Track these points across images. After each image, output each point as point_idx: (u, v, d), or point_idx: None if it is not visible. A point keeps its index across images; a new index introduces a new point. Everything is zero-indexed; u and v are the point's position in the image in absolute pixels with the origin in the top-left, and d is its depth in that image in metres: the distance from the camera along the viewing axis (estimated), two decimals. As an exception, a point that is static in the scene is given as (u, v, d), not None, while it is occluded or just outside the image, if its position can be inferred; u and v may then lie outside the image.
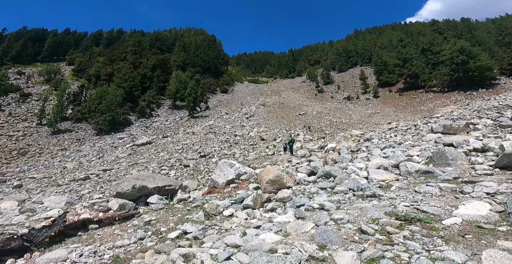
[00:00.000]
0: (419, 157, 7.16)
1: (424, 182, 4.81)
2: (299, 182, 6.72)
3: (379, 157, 7.24)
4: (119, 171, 18.71)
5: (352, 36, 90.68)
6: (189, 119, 38.92)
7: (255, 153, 21.81)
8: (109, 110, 31.85)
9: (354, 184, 5.08)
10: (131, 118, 36.73)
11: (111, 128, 32.10)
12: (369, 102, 49.61)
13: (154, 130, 33.90)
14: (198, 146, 25.27)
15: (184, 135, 31.54)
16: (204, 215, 5.08)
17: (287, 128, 33.22)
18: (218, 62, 67.11)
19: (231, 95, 57.08)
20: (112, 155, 25.51)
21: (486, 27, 60.75)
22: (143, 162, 20.79)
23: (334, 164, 8.25)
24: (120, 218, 5.27)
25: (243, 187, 6.88)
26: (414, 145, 9.05)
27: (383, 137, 15.27)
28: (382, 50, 61.96)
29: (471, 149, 7.18)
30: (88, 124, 33.32)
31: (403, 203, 3.84)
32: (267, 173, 6.11)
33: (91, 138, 31.07)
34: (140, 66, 47.39)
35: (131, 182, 6.08)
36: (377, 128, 28.21)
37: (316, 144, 23.05)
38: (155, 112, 40.68)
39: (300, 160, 12.42)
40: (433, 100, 44.19)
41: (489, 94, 40.71)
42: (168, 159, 21.11)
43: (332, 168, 6.63)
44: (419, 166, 5.49)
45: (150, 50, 60.19)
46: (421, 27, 70.76)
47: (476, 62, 41.80)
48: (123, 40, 68.69)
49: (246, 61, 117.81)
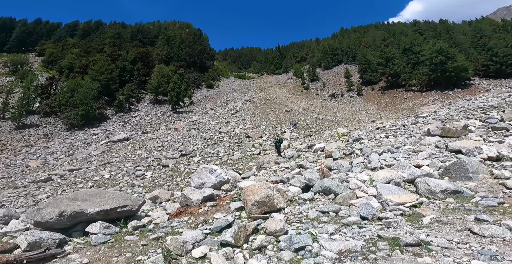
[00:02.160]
0: (429, 167, 6.02)
1: (464, 209, 3.58)
2: (293, 200, 5.33)
3: (386, 170, 6.00)
4: (88, 171, 16.47)
5: (338, 34, 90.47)
6: (172, 114, 36.48)
7: (240, 152, 20.31)
8: (82, 104, 28.72)
9: (367, 210, 3.77)
10: (108, 112, 33.64)
11: (84, 123, 29.05)
12: (353, 100, 49.52)
13: (133, 126, 31.26)
14: (180, 144, 23.29)
15: (166, 131, 29.28)
16: (164, 257, 3.53)
17: (273, 125, 31.95)
18: (203, 57, 64.00)
19: (217, 90, 54.76)
20: (83, 152, 22.89)
21: (462, 29, 62.41)
22: (116, 161, 18.58)
23: (330, 173, 6.94)
24: (32, 261, 3.57)
25: (223, 206, 5.38)
26: (415, 150, 7.97)
27: (372, 138, 14.33)
28: (367, 49, 62.08)
29: (485, 158, 6.14)
30: (58, 118, 29.96)
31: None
32: (253, 192, 4.66)
33: (61, 133, 27.94)
34: (119, 59, 43.66)
35: (59, 207, 4.36)
36: (362, 127, 27.67)
37: (303, 142, 21.95)
38: (135, 106, 37.70)
39: (289, 163, 11.11)
40: (412, 99, 44.78)
41: (464, 94, 41.81)
42: (145, 157, 19.04)
43: (331, 182, 5.30)
44: (445, 184, 4.28)
45: (131, 42, 55.92)
46: (403, 27, 71.77)
47: (454, 62, 42.59)
48: (102, 31, 63.30)
49: (233, 57, 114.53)
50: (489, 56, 45.83)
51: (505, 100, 18.38)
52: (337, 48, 72.25)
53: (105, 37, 53.18)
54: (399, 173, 5.64)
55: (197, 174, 8.63)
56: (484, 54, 47.27)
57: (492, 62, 45.01)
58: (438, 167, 5.98)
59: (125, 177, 14.94)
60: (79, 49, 48.65)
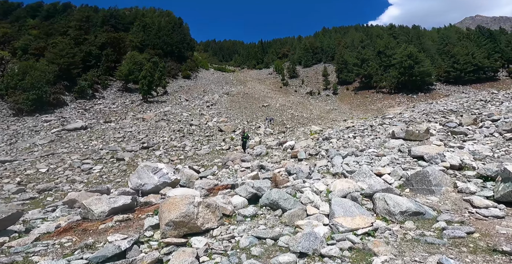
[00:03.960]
0: (391, 176, 5.31)
1: (425, 242, 2.74)
2: (232, 215, 4.27)
3: (345, 179, 5.14)
4: (22, 164, 14.04)
5: (320, 33, 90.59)
6: (142, 103, 33.66)
7: (208, 147, 18.95)
8: (34, 88, 25.00)
9: (309, 242, 2.81)
10: (66, 98, 29.94)
11: (35, 108, 25.36)
12: (329, 99, 49.95)
13: (94, 114, 28.15)
14: (144, 135, 21.25)
15: (132, 120, 26.78)
16: None
17: (248, 120, 30.86)
18: (182, 47, 60.11)
19: (194, 81, 52.00)
20: (28, 141, 19.89)
21: (431, 36, 65.00)
22: (63, 153, 16.18)
23: (285, 179, 6.00)
24: None
25: (139, 220, 4.14)
26: (379, 154, 7.34)
27: (341, 137, 13.84)
28: (345, 49, 62.69)
29: (448, 166, 5.59)
30: (4, 102, 25.92)
31: None
32: (169, 208, 3.49)
33: (6, 119, 24.17)
34: (85, 43, 39.08)
35: None
36: (334, 125, 27.64)
37: (276, 139, 21.19)
38: (100, 93, 34.10)
39: (251, 163, 10.09)
40: (381, 100, 46.10)
41: (426, 98, 43.85)
42: (99, 149, 16.85)
43: (280, 194, 4.31)
44: (405, 203, 3.48)
45: (102, 27, 50.48)
46: (380, 30, 73.49)
47: (420, 67, 44.12)
48: (69, 14, 56.32)
49: (214, 49, 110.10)
50: (451, 63, 47.87)
51: (463, 105, 18.99)
52: (318, 47, 72.32)
53: (71, 19, 47.23)
54: (358, 183, 4.83)
55: (137, 173, 7.25)
56: (447, 61, 49.48)
57: (453, 68, 47.08)
58: (400, 176, 5.28)
59: (67, 172, 12.91)
60: (39, 30, 42.73)
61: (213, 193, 5.62)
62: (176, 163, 14.82)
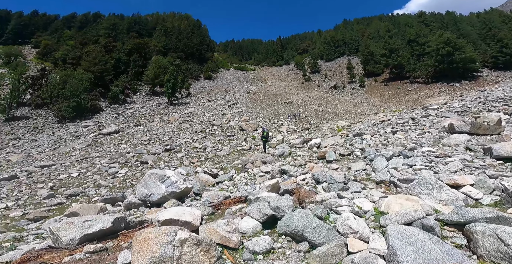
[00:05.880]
0: (475, 188, 3.51)
1: None
2: (237, 248, 2.93)
3: (403, 195, 3.44)
4: (58, 168, 14.35)
5: (340, 26, 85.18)
6: (168, 106, 34.14)
7: (229, 147, 17.93)
8: (74, 96, 26.50)
9: None
10: (102, 104, 31.45)
11: (76, 115, 26.95)
12: (355, 92, 46.21)
13: (126, 118, 29.08)
14: (168, 137, 21.02)
15: (159, 123, 27.04)
16: None
17: (270, 117, 29.38)
18: (202, 48, 60.58)
19: (216, 81, 51.91)
20: (69, 146, 20.87)
21: (470, 21, 57.50)
22: (95, 157, 16.43)
23: (311, 194, 4.48)
24: None
25: (119, 250, 2.99)
26: (439, 154, 5.40)
27: (376, 133, 11.69)
28: (370, 40, 57.75)
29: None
30: (49, 110, 27.91)
31: None
32: (140, 248, 2.25)
33: (52, 126, 25.95)
34: (114, 50, 40.98)
35: None
36: (364, 119, 24.83)
37: (300, 136, 19.43)
38: (130, 98, 35.36)
39: (271, 167, 8.67)
40: (417, 90, 41.42)
41: (471, 86, 38.33)
42: (126, 153, 16.82)
43: (306, 220, 2.86)
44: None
45: (128, 34, 52.84)
46: (408, 18, 66.76)
47: (461, 54, 39.22)
48: (99, 23, 60.13)
49: (234, 48, 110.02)
50: (498, 48, 42.48)
51: (528, 91, 15.38)
52: (340, 40, 67.87)
53: (100, 28, 50.15)
54: (427, 201, 3.14)
55: (144, 182, 6.28)
56: (493, 46, 43.54)
57: (502, 53, 41.83)
58: (491, 189, 3.45)
59: (95, 176, 12.77)
60: (74, 40, 46.03)
61: (222, 210, 4.34)
62: (196, 166, 14.01)
